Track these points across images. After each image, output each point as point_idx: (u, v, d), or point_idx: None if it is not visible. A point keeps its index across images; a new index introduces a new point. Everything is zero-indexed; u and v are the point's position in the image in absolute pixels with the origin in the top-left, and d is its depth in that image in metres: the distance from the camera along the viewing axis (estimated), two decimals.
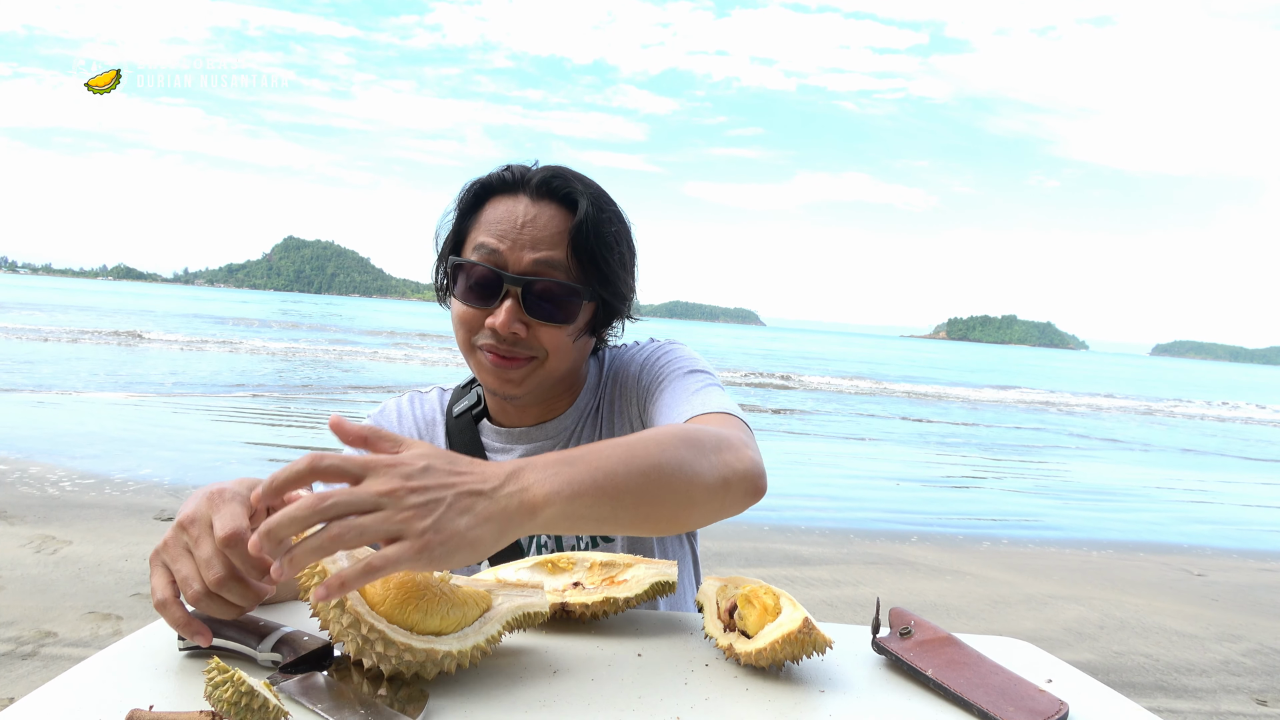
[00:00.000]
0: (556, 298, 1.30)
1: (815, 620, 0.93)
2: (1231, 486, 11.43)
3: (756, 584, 1.01)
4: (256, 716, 0.71)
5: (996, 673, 0.95)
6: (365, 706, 0.77)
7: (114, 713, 0.74)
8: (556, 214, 1.32)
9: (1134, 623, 4.73)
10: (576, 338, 1.35)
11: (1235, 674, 4.07)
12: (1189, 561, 6.42)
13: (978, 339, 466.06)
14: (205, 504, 0.88)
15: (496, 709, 0.81)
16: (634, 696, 0.86)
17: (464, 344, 1.35)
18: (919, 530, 6.84)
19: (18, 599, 3.92)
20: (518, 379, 1.32)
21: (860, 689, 0.93)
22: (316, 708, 0.77)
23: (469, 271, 1.31)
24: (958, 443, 14.08)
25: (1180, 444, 16.94)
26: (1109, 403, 27.03)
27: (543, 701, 0.83)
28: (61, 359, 16.63)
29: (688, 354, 1.45)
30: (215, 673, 0.71)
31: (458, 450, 1.43)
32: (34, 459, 7.05)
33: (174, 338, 24.57)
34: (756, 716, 0.84)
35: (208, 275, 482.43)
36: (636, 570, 1.12)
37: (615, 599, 1.05)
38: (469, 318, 1.32)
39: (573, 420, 1.45)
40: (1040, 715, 0.87)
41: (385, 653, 0.79)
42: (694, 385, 1.34)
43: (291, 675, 0.83)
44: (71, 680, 0.82)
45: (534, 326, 1.30)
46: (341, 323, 47.74)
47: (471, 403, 1.48)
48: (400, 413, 1.52)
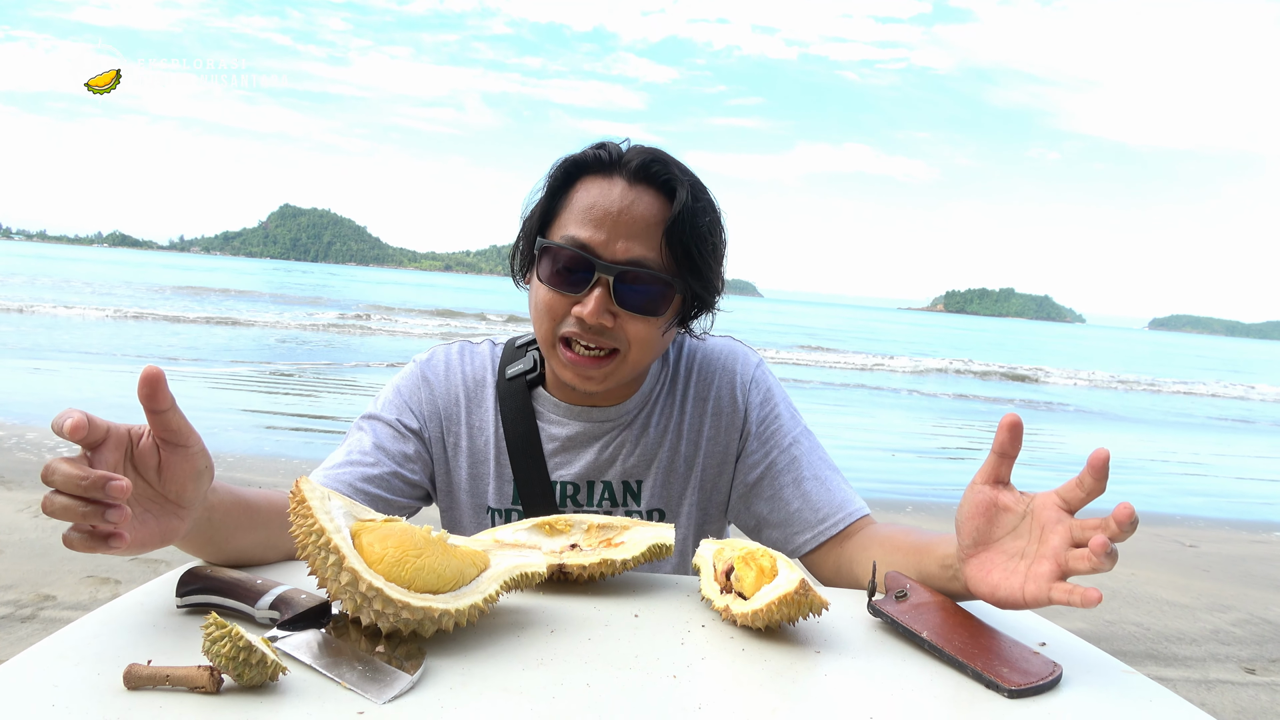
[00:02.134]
0: (648, 289, 1.26)
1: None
2: (1225, 460, 11.49)
3: (754, 546, 1.02)
4: (254, 670, 0.71)
5: (991, 635, 0.95)
6: (363, 663, 0.78)
7: (112, 667, 0.74)
8: (653, 202, 1.27)
9: (1126, 592, 4.77)
10: (663, 331, 1.32)
11: (1225, 643, 4.11)
12: (1182, 533, 6.46)
13: (975, 311, 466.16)
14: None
15: (494, 666, 0.81)
16: (630, 655, 0.87)
17: (546, 335, 1.30)
18: (914, 500, 6.88)
19: (16, 563, 3.93)
20: (599, 378, 1.29)
21: (856, 650, 0.93)
22: (314, 663, 0.78)
23: (558, 255, 1.26)
24: (952, 415, 14.12)
25: (1174, 417, 16.99)
26: (1104, 375, 27.06)
27: (540, 660, 0.84)
28: (58, 328, 16.58)
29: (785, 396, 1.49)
30: (213, 628, 0.71)
31: (507, 416, 1.41)
32: (31, 424, 7.04)
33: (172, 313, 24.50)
34: (752, 675, 0.84)
35: (203, 243, 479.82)
36: (634, 533, 1.12)
37: (612, 560, 1.05)
38: (555, 304, 1.27)
39: (636, 405, 1.43)
40: (1034, 676, 0.87)
41: (383, 610, 0.80)
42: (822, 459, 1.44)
43: (289, 632, 0.83)
44: (69, 636, 0.83)
45: (621, 317, 1.26)
46: (340, 294, 47.58)
47: (527, 367, 1.43)
48: (449, 365, 1.46)
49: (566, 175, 1.31)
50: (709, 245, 1.30)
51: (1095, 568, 0.88)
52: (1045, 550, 0.92)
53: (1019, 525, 0.96)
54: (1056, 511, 0.93)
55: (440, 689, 0.76)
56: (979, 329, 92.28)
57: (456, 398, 1.44)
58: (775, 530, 1.40)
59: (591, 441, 1.41)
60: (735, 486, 1.45)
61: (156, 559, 4.10)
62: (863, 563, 1.27)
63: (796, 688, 0.82)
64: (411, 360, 1.48)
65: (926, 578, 1.10)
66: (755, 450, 1.42)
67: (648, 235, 1.25)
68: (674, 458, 1.43)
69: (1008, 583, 0.94)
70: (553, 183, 1.31)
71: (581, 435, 1.41)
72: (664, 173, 1.27)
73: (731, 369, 1.46)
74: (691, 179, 1.30)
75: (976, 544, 0.98)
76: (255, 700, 0.71)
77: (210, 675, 0.71)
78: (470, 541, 1.03)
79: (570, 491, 1.41)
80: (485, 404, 1.43)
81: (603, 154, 1.29)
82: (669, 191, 1.28)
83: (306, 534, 0.84)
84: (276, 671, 0.73)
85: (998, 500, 0.97)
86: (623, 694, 0.77)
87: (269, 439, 7.44)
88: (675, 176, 1.28)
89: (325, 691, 0.74)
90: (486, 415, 1.43)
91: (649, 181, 1.27)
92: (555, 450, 1.41)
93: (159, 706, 0.69)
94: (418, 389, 1.43)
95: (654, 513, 1.43)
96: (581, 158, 1.30)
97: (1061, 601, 0.89)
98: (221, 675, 0.71)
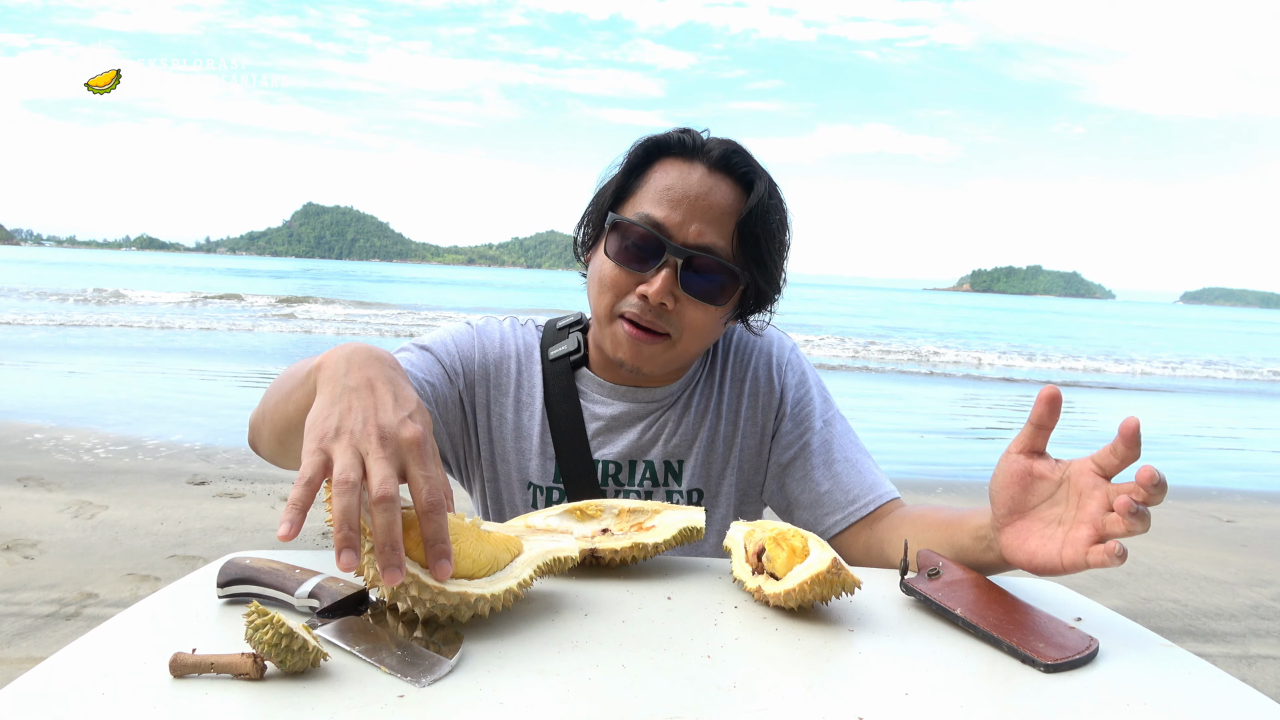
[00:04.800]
0: (714, 277, 1.28)
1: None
2: (1261, 433, 11.31)
3: (785, 527, 1.02)
4: (296, 657, 0.72)
5: (1025, 611, 0.95)
6: (402, 648, 0.79)
7: (156, 656, 0.76)
8: (730, 192, 1.29)
9: (1162, 569, 4.72)
10: (721, 321, 1.34)
11: (1265, 618, 4.06)
12: (1218, 508, 6.38)
13: (1002, 290, 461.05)
14: (391, 429, 0.85)
15: (530, 649, 0.82)
16: (665, 637, 0.87)
17: (603, 310, 1.32)
18: (944, 481, 6.84)
19: (58, 562, 4.02)
20: (651, 355, 1.30)
21: (889, 628, 0.93)
22: (354, 649, 0.79)
23: (629, 232, 1.28)
24: (979, 394, 14.00)
25: (1207, 389, 16.76)
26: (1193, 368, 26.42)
27: (574, 643, 0.85)
28: (95, 332, 16.85)
29: (819, 380, 1.50)
30: (255, 615, 0.73)
31: (553, 394, 1.42)
32: (68, 426, 7.18)
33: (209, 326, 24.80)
34: (786, 654, 0.85)
35: (229, 244, 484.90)
36: (664, 516, 1.12)
37: (644, 544, 1.06)
38: (619, 280, 1.29)
39: (681, 388, 1.45)
40: (1071, 651, 0.87)
41: (420, 596, 0.81)
42: (853, 440, 1.44)
43: (328, 620, 0.85)
44: (113, 628, 0.84)
45: (682, 301, 1.27)
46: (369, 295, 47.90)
47: (571, 348, 1.44)
48: (503, 335, 1.47)
49: (646, 154, 1.33)
50: (777, 242, 1.32)
51: (1128, 529, 0.88)
52: (1083, 515, 0.92)
53: (1055, 493, 0.96)
54: (1092, 477, 0.93)
55: (478, 672, 0.77)
56: (1013, 309, 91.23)
57: (508, 367, 1.45)
58: (805, 511, 1.40)
59: (635, 422, 1.42)
60: (769, 467, 1.46)
61: (195, 555, 4.17)
62: (893, 543, 1.27)
63: (831, 665, 0.83)
64: (464, 321, 1.48)
65: (960, 551, 1.10)
66: (789, 431, 1.44)
67: (721, 224, 1.27)
68: (714, 438, 1.44)
69: (1045, 549, 0.95)
70: (632, 159, 1.33)
71: (625, 415, 1.42)
72: (744, 165, 1.29)
73: (768, 351, 1.48)
74: (768, 177, 1.32)
75: (1012, 513, 0.98)
76: (298, 685, 0.72)
77: (254, 662, 0.72)
78: (502, 527, 1.04)
79: (612, 471, 1.42)
80: (534, 378, 1.44)
81: (686, 138, 1.31)
82: (746, 184, 1.30)
83: None
84: (318, 658, 0.74)
85: (1033, 469, 0.97)
86: (658, 674, 0.78)
87: None
88: (754, 169, 1.30)
89: (366, 676, 0.75)
90: (535, 390, 1.44)
91: (728, 171, 1.29)
92: (598, 430, 1.42)
93: (204, 693, 0.71)
94: (470, 345, 1.44)
95: (694, 493, 1.44)
96: (664, 139, 1.32)
97: (1098, 563, 0.89)
98: (265, 662, 0.73)
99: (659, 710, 0.71)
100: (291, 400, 1.06)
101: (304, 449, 0.84)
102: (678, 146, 1.31)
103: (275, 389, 1.14)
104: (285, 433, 1.10)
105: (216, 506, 5.10)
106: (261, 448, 1.23)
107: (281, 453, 1.17)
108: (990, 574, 1.06)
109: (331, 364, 0.95)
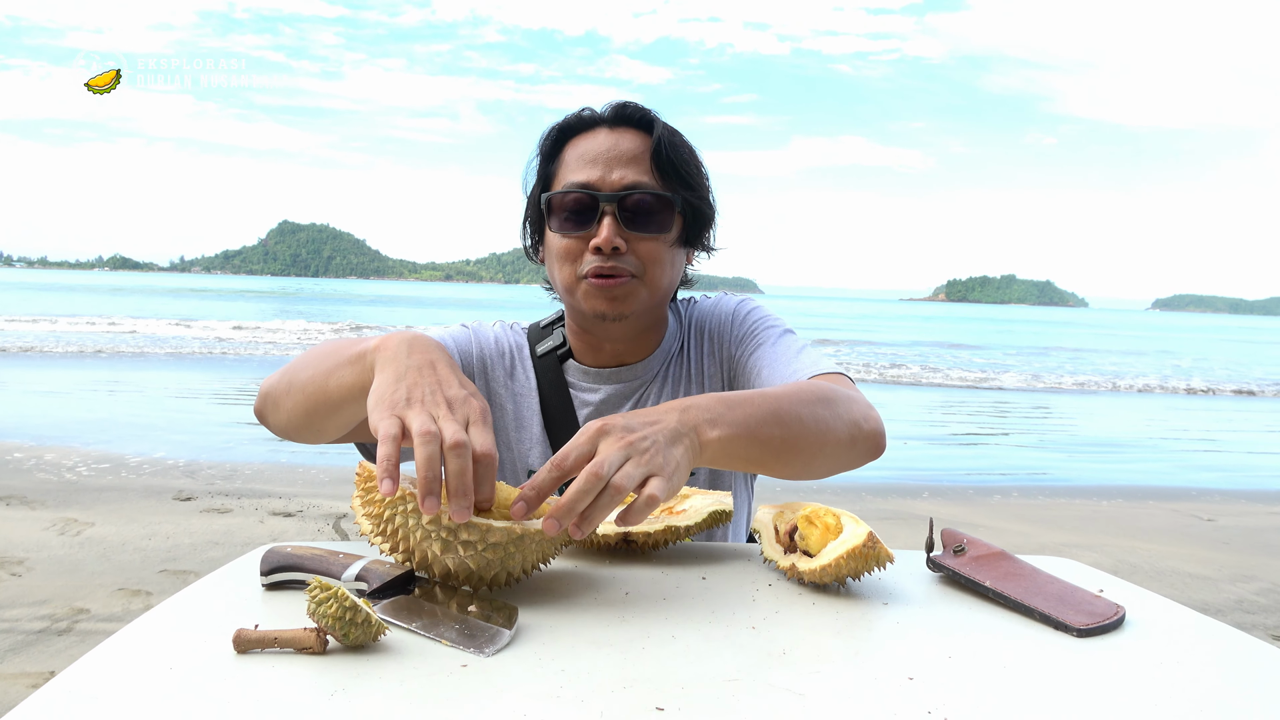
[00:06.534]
0: (650, 210, 1.35)
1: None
2: (1239, 434, 11.49)
3: (816, 506, 1.04)
4: (359, 630, 0.74)
5: (1052, 582, 0.98)
6: (459, 623, 0.80)
7: (217, 635, 0.77)
8: (635, 137, 1.38)
9: (1147, 567, 4.79)
10: (671, 246, 1.40)
11: (1250, 612, 4.13)
12: (1199, 508, 6.47)
13: (977, 299, 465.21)
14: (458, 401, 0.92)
15: (580, 623, 0.84)
16: (707, 611, 0.89)
17: (568, 280, 1.38)
18: (930, 485, 6.90)
19: (47, 579, 3.96)
20: (622, 295, 1.35)
21: (921, 601, 0.96)
22: (412, 625, 0.80)
23: (563, 200, 1.36)
24: (961, 402, 14.13)
25: (1185, 390, 16.99)
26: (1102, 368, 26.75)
27: (621, 618, 0.86)
28: (64, 353, 16.65)
29: (772, 312, 1.53)
30: (318, 590, 0.74)
31: (545, 389, 1.49)
32: (48, 445, 7.08)
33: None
34: (828, 624, 0.87)
35: (204, 263, 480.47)
36: (694, 500, 1.15)
37: (676, 527, 1.08)
38: (571, 248, 1.36)
39: (659, 363, 1.50)
40: (1099, 617, 0.90)
41: (470, 539, 0.83)
42: (795, 344, 1.42)
43: (379, 600, 0.86)
44: (163, 614, 0.85)
45: (632, 241, 1.35)
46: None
47: (556, 343, 1.52)
48: (497, 334, 1.55)
49: (556, 140, 1.43)
50: (693, 164, 1.42)
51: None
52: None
53: None
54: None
55: (535, 644, 0.78)
56: (989, 318, 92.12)
57: (502, 362, 1.53)
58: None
59: (623, 402, 1.48)
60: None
61: (186, 570, 4.14)
62: None
63: (873, 634, 0.85)
64: (460, 323, 1.56)
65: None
66: (739, 355, 1.48)
67: (638, 163, 1.36)
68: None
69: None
70: (544, 148, 1.44)
71: (612, 397, 1.48)
72: (638, 112, 1.41)
73: (723, 307, 1.54)
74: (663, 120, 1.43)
75: None
76: (362, 659, 0.74)
77: (317, 636, 0.74)
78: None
79: None
80: (528, 372, 1.51)
81: (584, 113, 1.43)
82: (646, 126, 1.40)
83: (383, 504, 0.87)
84: (380, 631, 0.76)
85: None
86: (707, 643, 0.80)
87: (284, 450, 7.48)
88: (649, 113, 1.41)
89: (427, 649, 0.76)
90: (530, 383, 1.51)
91: (627, 122, 1.40)
92: (589, 416, 1.48)
93: (270, 666, 0.72)
94: (468, 341, 1.52)
95: None
96: (565, 122, 1.43)
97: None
98: (327, 636, 0.74)
99: (716, 674, 0.73)
100: (334, 377, 1.10)
101: (374, 418, 0.89)
102: (579, 123, 1.42)
103: (308, 363, 1.18)
104: (320, 405, 1.15)
105: (204, 522, 5.05)
106: (276, 418, 1.25)
107: (305, 424, 1.20)
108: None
109: (393, 346, 1.02)
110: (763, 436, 1.05)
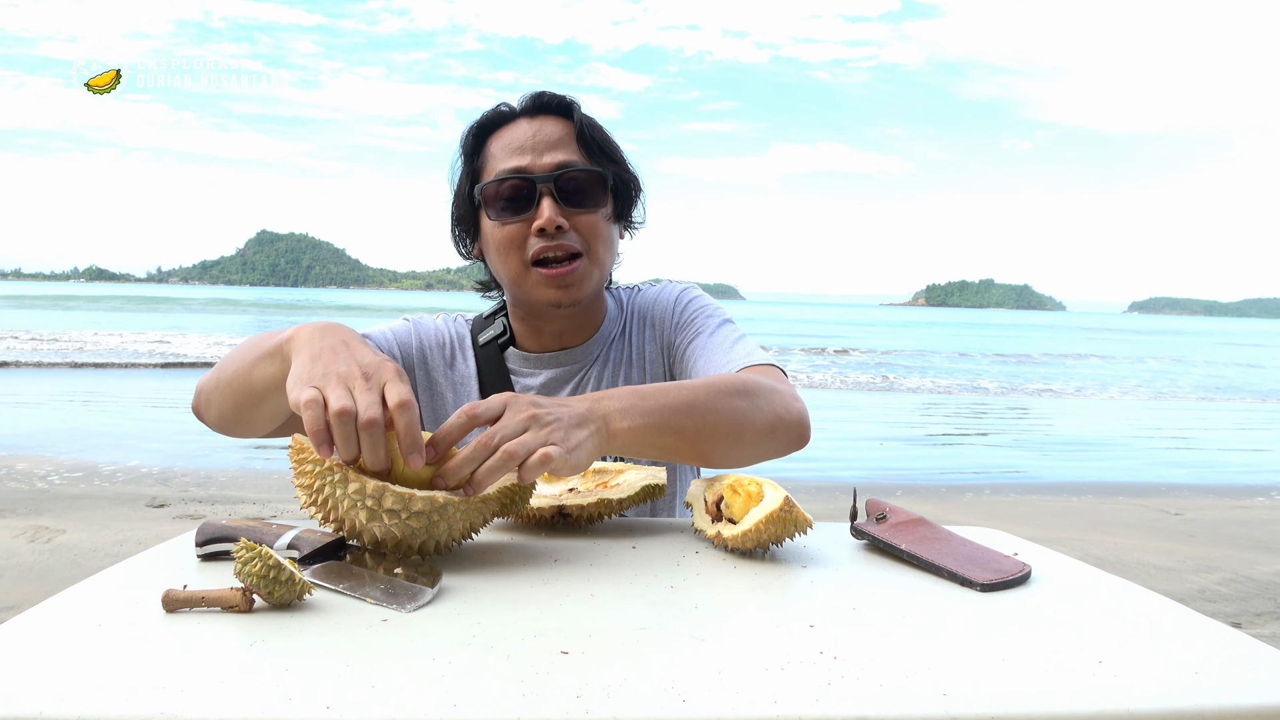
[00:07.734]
0: (585, 186, 1.40)
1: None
2: (1207, 432, 11.66)
3: (741, 475, 1.08)
4: (284, 588, 0.77)
5: (965, 544, 1.02)
6: (384, 584, 0.83)
7: (148, 595, 0.79)
8: (555, 121, 1.43)
9: (1113, 559, 4.86)
10: (608, 219, 1.44)
11: (1211, 600, 4.20)
12: (1166, 503, 6.57)
13: (956, 304, 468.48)
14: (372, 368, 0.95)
15: (504, 584, 0.88)
16: (630, 574, 0.93)
17: (514, 270, 1.41)
18: (904, 484, 6.96)
19: (17, 584, 3.95)
20: (575, 279, 1.39)
21: (840, 565, 1.00)
22: (339, 587, 0.83)
23: (499, 190, 1.39)
24: (937, 403, 14.26)
25: (1156, 391, 17.21)
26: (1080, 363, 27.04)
27: (546, 579, 0.90)
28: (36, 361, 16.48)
29: (713, 302, 1.56)
30: (243, 550, 0.77)
31: (486, 376, 1.52)
32: (19, 454, 7.04)
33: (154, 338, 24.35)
34: (745, 583, 0.91)
35: (181, 273, 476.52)
36: (628, 475, 1.18)
37: (609, 500, 1.12)
38: (514, 234, 1.39)
39: (599, 346, 1.53)
40: (1005, 574, 0.94)
41: (394, 508, 0.86)
42: (732, 335, 1.45)
43: (309, 566, 0.89)
44: (100, 580, 0.89)
45: (572, 218, 1.38)
46: None
47: (497, 332, 1.55)
48: (437, 327, 1.58)
49: (478, 137, 1.46)
50: (614, 143, 1.47)
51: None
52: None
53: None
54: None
55: (456, 602, 0.82)
56: (967, 323, 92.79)
57: (441, 352, 1.56)
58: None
59: (562, 385, 1.51)
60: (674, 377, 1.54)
61: None
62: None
63: (786, 591, 0.89)
64: (401, 318, 1.59)
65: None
66: (679, 342, 1.52)
67: (563, 144, 1.41)
68: (630, 384, 1.51)
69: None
70: (466, 146, 1.47)
71: (552, 381, 1.51)
72: (554, 99, 1.45)
73: (665, 294, 1.58)
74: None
75: None
76: (286, 616, 0.77)
77: (243, 595, 0.77)
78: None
79: None
80: (469, 361, 1.55)
81: (502, 108, 1.46)
82: (565, 111, 1.44)
83: (314, 475, 0.90)
84: (304, 590, 0.79)
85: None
86: (624, 600, 0.84)
87: (259, 457, 7.46)
88: (565, 98, 1.45)
89: (351, 607, 0.80)
90: (470, 370, 1.54)
91: (545, 110, 1.44)
92: None
93: (196, 623, 0.75)
94: (408, 334, 1.55)
95: None
96: (485, 119, 1.47)
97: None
98: (253, 595, 0.77)
99: (626, 624, 0.76)
100: (256, 370, 1.14)
101: (294, 398, 0.93)
102: (499, 117, 1.45)
103: (233, 359, 1.22)
104: (245, 399, 1.19)
105: (178, 528, 5.04)
106: (209, 414, 1.30)
107: (235, 418, 1.25)
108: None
109: (305, 334, 1.05)
110: (675, 426, 1.09)
